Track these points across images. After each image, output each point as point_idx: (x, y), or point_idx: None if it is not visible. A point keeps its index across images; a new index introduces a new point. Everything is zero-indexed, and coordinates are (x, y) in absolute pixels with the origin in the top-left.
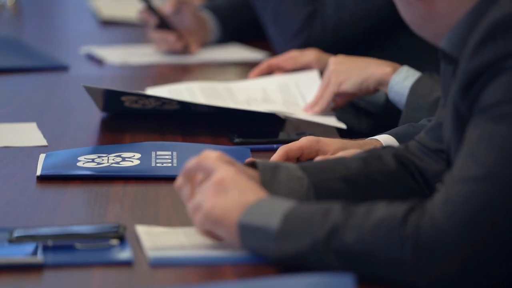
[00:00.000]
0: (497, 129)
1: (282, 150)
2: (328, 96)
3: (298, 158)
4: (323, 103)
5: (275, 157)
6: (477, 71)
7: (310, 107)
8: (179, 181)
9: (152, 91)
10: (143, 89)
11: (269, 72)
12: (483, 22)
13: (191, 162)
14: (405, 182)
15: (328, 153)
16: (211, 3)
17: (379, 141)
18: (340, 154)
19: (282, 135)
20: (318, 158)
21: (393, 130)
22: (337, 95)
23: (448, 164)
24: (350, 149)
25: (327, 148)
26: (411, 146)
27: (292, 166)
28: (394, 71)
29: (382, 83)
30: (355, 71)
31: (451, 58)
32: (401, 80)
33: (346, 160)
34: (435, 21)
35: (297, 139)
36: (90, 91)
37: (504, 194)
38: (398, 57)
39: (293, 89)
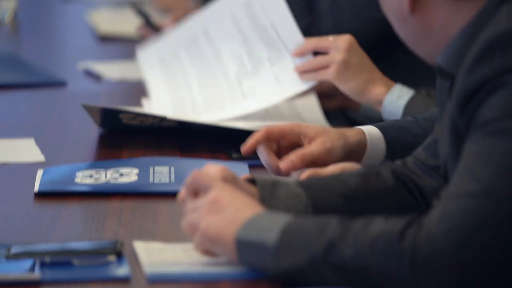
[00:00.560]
0: (494, 145)
1: (264, 130)
2: (319, 76)
3: (279, 142)
4: (311, 75)
5: (257, 136)
6: (474, 87)
7: (300, 67)
8: (181, 194)
9: (148, 103)
10: (140, 104)
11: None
12: (480, 38)
13: (190, 177)
14: (404, 198)
15: (308, 136)
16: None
17: (362, 129)
18: (338, 168)
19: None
20: (311, 171)
21: (377, 123)
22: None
23: (445, 180)
24: (330, 133)
25: (307, 131)
26: (409, 162)
27: (291, 182)
28: (388, 90)
29: (376, 104)
30: (357, 80)
31: (447, 74)
32: (395, 100)
33: (344, 176)
34: (430, 37)
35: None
36: (88, 109)
37: (500, 210)
38: (396, 72)
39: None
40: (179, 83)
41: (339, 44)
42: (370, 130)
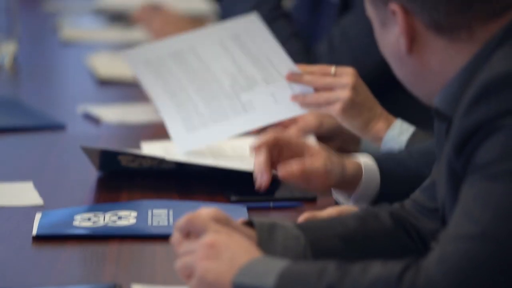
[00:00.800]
0: (492, 187)
1: (273, 135)
2: (322, 111)
3: (282, 151)
4: (308, 107)
5: (266, 139)
6: (471, 130)
7: (300, 98)
8: (174, 237)
9: (147, 147)
10: (139, 146)
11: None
12: (476, 80)
13: (183, 219)
14: (402, 240)
15: (312, 150)
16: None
17: (360, 164)
18: (335, 211)
19: (278, 193)
20: (309, 214)
21: (373, 155)
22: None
23: (443, 222)
24: (332, 157)
25: (312, 146)
26: (407, 205)
27: (289, 224)
28: (388, 125)
29: (376, 139)
30: (362, 117)
31: (444, 116)
32: (396, 136)
33: (342, 219)
34: (427, 79)
35: (294, 197)
36: (87, 151)
37: (499, 253)
38: (395, 113)
39: None
40: (181, 97)
41: (344, 82)
42: (366, 163)
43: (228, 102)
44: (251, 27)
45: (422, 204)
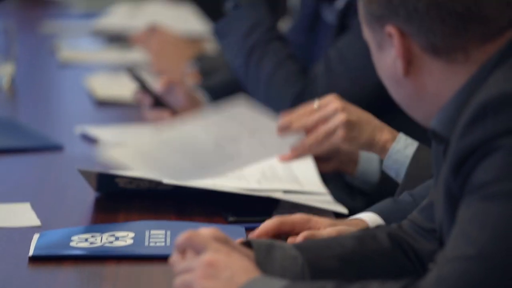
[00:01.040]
0: (489, 208)
1: (275, 223)
2: (327, 145)
3: (288, 233)
4: (312, 149)
5: (269, 226)
6: (468, 150)
7: (300, 148)
8: (173, 256)
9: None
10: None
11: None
12: (472, 102)
13: (182, 237)
14: (399, 261)
15: (317, 225)
16: (206, 83)
17: (367, 223)
18: (334, 231)
19: (276, 213)
20: (307, 234)
21: (377, 207)
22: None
23: (441, 243)
24: (340, 228)
25: (318, 227)
26: (405, 225)
27: (287, 245)
28: (393, 137)
29: (384, 150)
30: (364, 132)
31: (441, 138)
32: (401, 149)
33: (341, 239)
34: (424, 100)
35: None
36: (85, 174)
37: (495, 273)
38: None
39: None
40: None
41: (332, 108)
42: (372, 219)
43: (212, 156)
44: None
45: (420, 224)
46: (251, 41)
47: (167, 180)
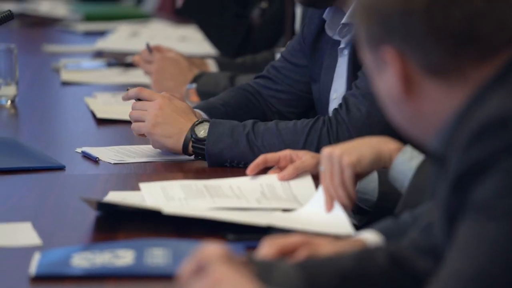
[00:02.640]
0: (487, 227)
1: (276, 249)
2: (348, 187)
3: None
4: (342, 198)
5: (269, 253)
6: (467, 169)
7: (330, 202)
8: (182, 275)
9: (146, 187)
10: (137, 186)
11: (266, 168)
12: (471, 121)
13: (190, 256)
14: (398, 281)
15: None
16: (205, 103)
17: (363, 240)
18: (332, 250)
19: (275, 230)
20: (307, 252)
21: (377, 227)
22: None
23: (440, 261)
24: (342, 246)
25: (319, 248)
26: (404, 245)
27: (287, 263)
28: (399, 148)
29: (390, 162)
30: (365, 148)
31: (440, 157)
32: (407, 160)
33: (340, 257)
34: (422, 120)
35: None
36: (86, 201)
37: None
38: None
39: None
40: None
41: (329, 155)
42: (371, 239)
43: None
44: None
45: (419, 244)
46: (243, 138)
47: (166, 211)
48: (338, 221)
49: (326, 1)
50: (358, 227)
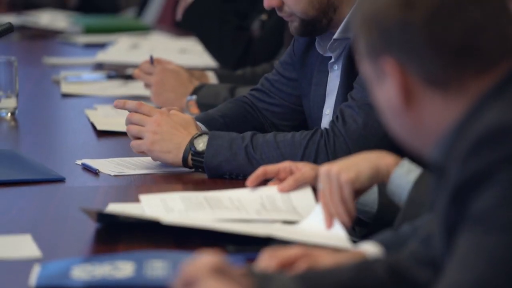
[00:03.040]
0: (486, 238)
1: (277, 262)
2: (347, 204)
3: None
4: (342, 215)
5: (269, 263)
6: (466, 182)
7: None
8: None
9: (145, 199)
10: (137, 198)
11: (265, 179)
12: (470, 133)
13: (181, 269)
14: None
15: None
16: (204, 114)
17: (363, 251)
18: (331, 261)
19: (275, 242)
20: (306, 264)
21: (377, 239)
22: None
23: (439, 272)
24: (343, 258)
25: (319, 260)
26: (404, 256)
27: (286, 274)
28: (396, 162)
29: (388, 176)
30: (363, 164)
31: (439, 168)
32: (404, 174)
33: (339, 269)
34: (422, 131)
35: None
36: (86, 212)
37: None
38: None
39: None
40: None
41: (327, 172)
42: (371, 251)
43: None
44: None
45: (418, 255)
46: (242, 151)
47: (166, 221)
48: (337, 238)
49: (322, 29)
50: (356, 239)
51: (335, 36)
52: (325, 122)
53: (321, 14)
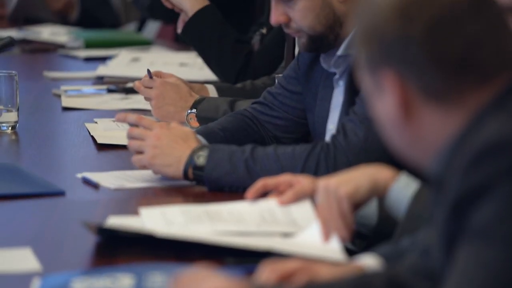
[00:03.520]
0: (485, 252)
1: (277, 276)
2: (346, 218)
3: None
4: (340, 229)
5: (269, 276)
6: (465, 195)
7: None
8: None
9: (145, 212)
10: (137, 211)
11: (265, 192)
12: (469, 146)
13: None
14: None
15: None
16: (204, 128)
17: (362, 265)
18: (331, 275)
19: (275, 255)
20: (307, 277)
21: (377, 252)
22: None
23: (438, 285)
24: (342, 271)
25: (319, 272)
26: (403, 268)
27: (285, 287)
28: (394, 176)
29: (385, 190)
30: (361, 178)
31: (438, 181)
32: (402, 188)
33: (338, 282)
34: (421, 143)
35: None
36: (86, 225)
37: None
38: None
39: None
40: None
41: (325, 187)
42: (371, 264)
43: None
44: None
45: (417, 267)
46: (242, 164)
47: (165, 234)
48: (333, 251)
49: (329, 45)
50: (356, 252)
51: (339, 53)
52: (329, 137)
53: (328, 30)
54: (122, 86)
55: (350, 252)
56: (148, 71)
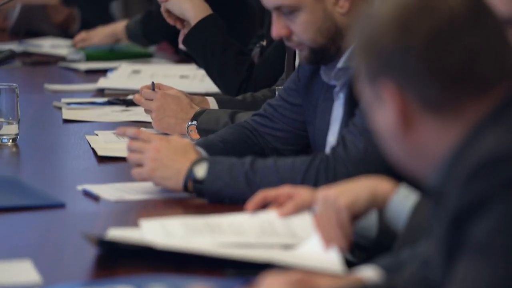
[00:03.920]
0: (485, 265)
1: (278, 283)
2: (345, 229)
3: None
4: (339, 239)
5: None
6: (464, 208)
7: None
8: None
9: (145, 224)
10: (137, 224)
11: (265, 204)
12: (469, 157)
13: None
14: None
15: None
16: (204, 140)
17: (362, 277)
18: (331, 284)
19: (275, 267)
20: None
21: (377, 263)
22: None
23: None
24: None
25: (320, 284)
26: (402, 280)
27: None
28: (393, 188)
29: (385, 202)
30: (360, 189)
31: (437, 193)
32: (402, 200)
33: None
34: (420, 155)
35: None
36: (87, 237)
37: None
38: None
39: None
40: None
41: (324, 197)
42: (372, 278)
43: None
44: None
45: (417, 279)
46: (242, 176)
47: (159, 246)
48: (332, 263)
49: (330, 57)
50: (355, 263)
51: (339, 65)
52: (329, 149)
53: (329, 42)
54: (122, 98)
55: (350, 264)
56: (153, 83)
